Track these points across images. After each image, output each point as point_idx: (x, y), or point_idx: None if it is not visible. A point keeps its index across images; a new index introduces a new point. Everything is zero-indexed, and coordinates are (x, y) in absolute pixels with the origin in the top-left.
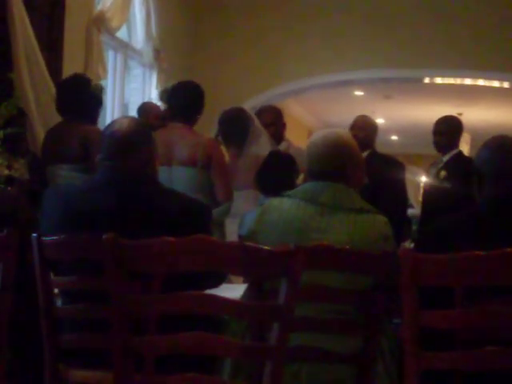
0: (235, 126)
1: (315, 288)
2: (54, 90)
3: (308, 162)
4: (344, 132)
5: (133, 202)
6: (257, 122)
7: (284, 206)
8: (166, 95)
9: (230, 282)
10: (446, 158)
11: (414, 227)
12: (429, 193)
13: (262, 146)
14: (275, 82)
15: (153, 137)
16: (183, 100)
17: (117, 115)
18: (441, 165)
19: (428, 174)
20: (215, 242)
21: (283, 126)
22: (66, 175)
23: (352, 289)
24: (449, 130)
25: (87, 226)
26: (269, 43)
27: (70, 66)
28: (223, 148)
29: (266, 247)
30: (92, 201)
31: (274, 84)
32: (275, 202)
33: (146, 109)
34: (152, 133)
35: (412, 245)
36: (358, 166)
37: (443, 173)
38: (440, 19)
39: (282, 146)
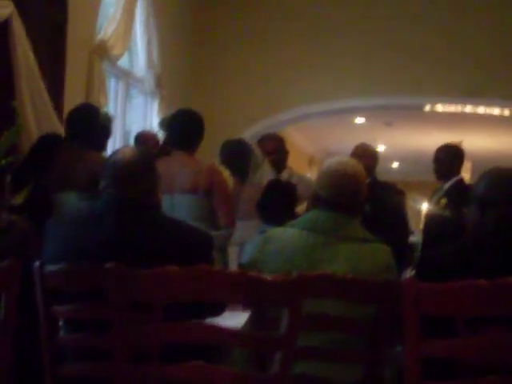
0: (237, 156)
1: (318, 317)
2: (55, 117)
3: (317, 190)
4: (358, 164)
5: (133, 232)
6: (257, 150)
7: (286, 235)
8: (166, 124)
9: (234, 309)
10: (446, 185)
11: (416, 254)
12: (430, 220)
13: (264, 175)
14: (274, 109)
15: (156, 166)
16: (183, 128)
17: (118, 143)
18: (442, 192)
19: (429, 201)
20: (217, 272)
21: (286, 153)
22: (73, 204)
23: (355, 318)
24: (448, 157)
25: (88, 256)
26: (267, 70)
27: (72, 94)
28: (226, 175)
29: (268, 276)
30: (92, 230)
31: (274, 112)
32: (278, 231)
33: (142, 138)
34: (155, 162)
35: (413, 272)
36: (364, 197)
37: (444, 200)
38: (441, 46)
39: (285, 174)
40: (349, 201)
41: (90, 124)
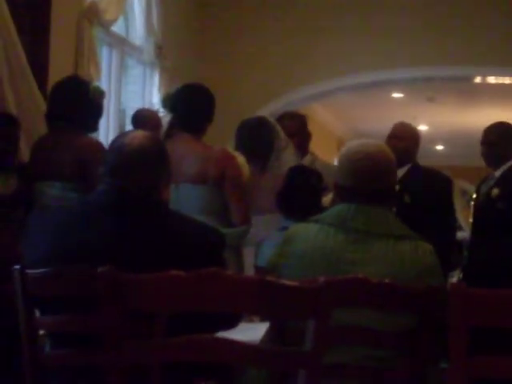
0: (257, 139)
1: (348, 329)
2: (38, 93)
3: (339, 180)
4: (383, 144)
5: (134, 230)
6: (281, 132)
7: (310, 233)
8: (169, 101)
9: (250, 319)
10: (498, 172)
11: (466, 253)
12: (479, 214)
13: (287, 161)
14: (298, 83)
15: (168, 157)
16: (190, 106)
17: (113, 123)
18: (493, 181)
19: (478, 191)
20: (230, 277)
21: (308, 136)
22: (57, 195)
23: (392, 330)
24: (500, 139)
25: (81, 259)
26: (290, 38)
27: (58, 65)
28: (241, 161)
29: (291, 282)
30: (87, 228)
31: (297, 86)
32: (300, 228)
33: (142, 117)
34: (167, 152)
35: (462, 275)
36: (395, 184)
37: (496, 191)
38: (493, 8)
39: (307, 161)
40: (376, 189)
41: (78, 101)
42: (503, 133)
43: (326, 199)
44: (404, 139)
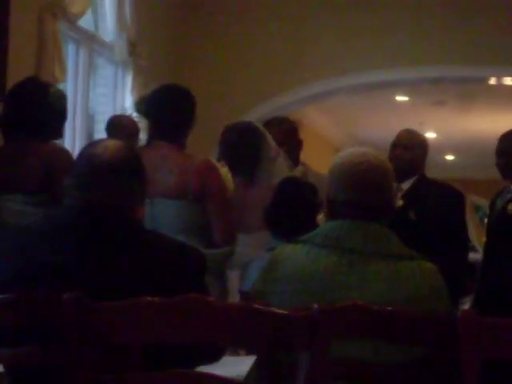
0: (243, 146)
1: (346, 363)
2: None
3: (331, 193)
4: (380, 153)
5: (103, 251)
6: (270, 139)
7: (298, 256)
8: (144, 105)
9: (235, 353)
10: None
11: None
12: (494, 233)
13: (278, 172)
14: (289, 84)
15: (144, 170)
16: (166, 110)
17: (80, 130)
18: (510, 195)
19: (492, 206)
20: (212, 304)
21: (298, 144)
22: (18, 209)
23: (396, 363)
24: None
25: (43, 284)
26: (282, 35)
27: (17, 65)
28: (224, 172)
29: (281, 310)
30: (48, 247)
31: (288, 87)
32: (286, 250)
33: (117, 124)
34: (143, 164)
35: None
36: (393, 198)
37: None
38: (509, 4)
39: (298, 172)
40: (377, 204)
41: (37, 106)
42: None
43: (321, 217)
44: (411, 148)
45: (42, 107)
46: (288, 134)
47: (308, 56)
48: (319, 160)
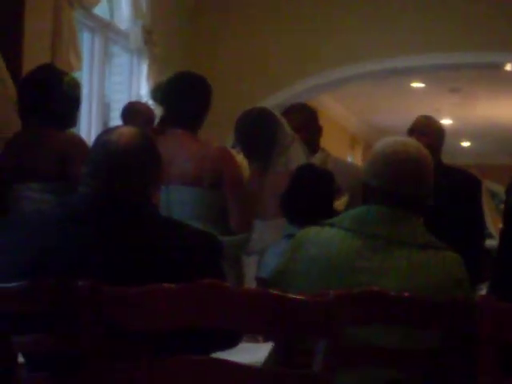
0: (259, 132)
1: (363, 349)
2: (11, 83)
3: (369, 179)
4: (419, 144)
5: (118, 239)
6: (286, 125)
7: (323, 238)
8: (160, 93)
9: (252, 339)
10: None
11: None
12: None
13: (294, 158)
14: (305, 71)
15: (160, 157)
16: (182, 98)
17: (95, 118)
18: None
19: (510, 192)
20: (229, 289)
21: (318, 131)
22: (34, 198)
23: (412, 350)
24: None
25: (57, 271)
26: (297, 23)
27: (33, 53)
28: (241, 160)
29: (298, 296)
30: (63, 235)
31: (304, 75)
32: (312, 232)
33: (133, 111)
34: (159, 151)
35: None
36: (431, 188)
37: None
38: None
39: (318, 159)
40: (411, 193)
41: (50, 94)
42: None
43: (339, 203)
44: (427, 134)
45: (56, 95)
46: (308, 121)
47: (324, 44)
48: (336, 147)
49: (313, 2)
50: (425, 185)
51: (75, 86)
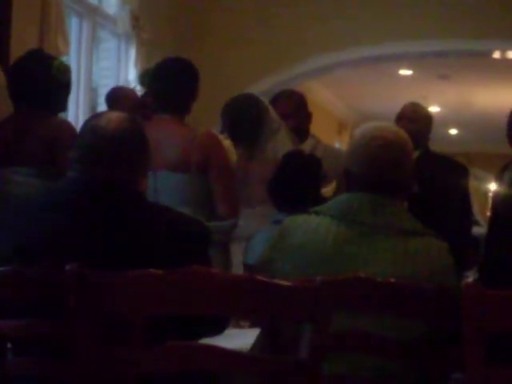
0: (245, 118)
1: (349, 335)
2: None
3: (350, 166)
4: (401, 129)
5: (106, 224)
6: (273, 112)
7: (310, 225)
8: (147, 78)
9: (238, 325)
10: None
11: (481, 250)
12: (501, 205)
13: (280, 145)
14: (293, 57)
15: (148, 143)
16: (169, 83)
17: (83, 103)
18: None
19: (500, 179)
20: (216, 275)
21: (307, 117)
22: (21, 182)
23: (398, 337)
24: None
25: (46, 255)
26: (284, 8)
27: (21, 39)
28: (229, 145)
29: (285, 281)
30: (50, 220)
31: (292, 61)
32: (298, 220)
33: (118, 96)
34: (147, 136)
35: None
36: (411, 173)
37: None
38: None
39: (307, 144)
40: (392, 179)
41: (40, 78)
42: None
43: (326, 190)
44: (415, 121)
45: (46, 80)
46: (298, 107)
47: (310, 30)
48: (324, 133)
49: None
50: (405, 169)
51: (65, 71)
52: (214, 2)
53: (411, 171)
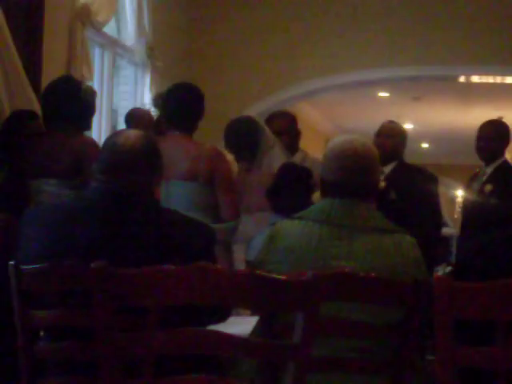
0: (244, 138)
1: (336, 322)
2: (31, 93)
3: (324, 175)
4: (367, 140)
5: (124, 227)
6: (268, 131)
7: (295, 229)
8: (161, 101)
9: (238, 313)
10: (490, 169)
11: (451, 249)
12: (471, 210)
13: (275, 158)
14: (286, 82)
15: (161, 156)
16: (180, 105)
17: (105, 122)
18: (485, 177)
19: (468, 188)
20: (220, 271)
21: (297, 134)
22: (53, 192)
23: (378, 323)
24: (497, 135)
25: (73, 254)
26: (278, 38)
27: (51, 67)
28: (230, 158)
29: (280, 276)
30: (80, 224)
31: (285, 85)
32: (285, 225)
33: (135, 116)
34: (160, 151)
35: (448, 268)
36: (378, 180)
37: (489, 187)
38: (477, 8)
39: (297, 158)
40: (361, 184)
41: (70, 100)
42: (499, 129)
43: (316, 196)
44: (392, 137)
45: (76, 101)
46: (289, 125)
47: (300, 58)
48: (312, 148)
49: (289, 26)
50: (372, 174)
51: (91, 94)
52: (213, 38)
53: (377, 177)
